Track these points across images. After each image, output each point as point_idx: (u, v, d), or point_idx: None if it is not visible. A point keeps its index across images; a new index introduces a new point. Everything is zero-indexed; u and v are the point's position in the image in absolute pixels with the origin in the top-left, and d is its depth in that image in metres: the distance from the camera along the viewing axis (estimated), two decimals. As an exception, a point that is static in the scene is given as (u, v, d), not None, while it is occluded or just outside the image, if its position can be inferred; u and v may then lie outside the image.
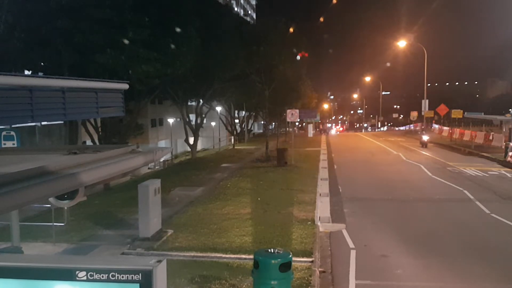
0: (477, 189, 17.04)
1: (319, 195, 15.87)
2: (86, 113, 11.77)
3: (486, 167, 22.99)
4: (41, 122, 12.42)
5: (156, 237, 10.50)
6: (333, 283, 8.44)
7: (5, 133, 10.66)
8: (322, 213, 13.23)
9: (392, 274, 8.84)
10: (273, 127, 59.53)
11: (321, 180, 19.09)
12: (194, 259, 9.27)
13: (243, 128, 55.58)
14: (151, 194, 10.39)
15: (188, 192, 16.56)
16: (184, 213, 13.31)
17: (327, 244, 10.71)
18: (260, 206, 14.06)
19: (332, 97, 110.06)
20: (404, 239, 11.14)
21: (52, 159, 3.77)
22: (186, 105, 34.32)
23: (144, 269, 2.60)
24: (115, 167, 3.89)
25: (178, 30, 21.79)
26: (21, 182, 2.75)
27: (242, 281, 7.93)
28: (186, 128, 34.67)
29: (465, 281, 8.51)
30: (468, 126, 44.29)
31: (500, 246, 10.62)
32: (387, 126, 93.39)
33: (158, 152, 4.94)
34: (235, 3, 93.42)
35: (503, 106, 63.23)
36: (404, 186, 18.38)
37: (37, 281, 2.66)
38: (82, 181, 3.33)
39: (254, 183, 18.37)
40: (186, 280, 8.00)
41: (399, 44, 50.66)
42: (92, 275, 2.60)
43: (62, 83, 9.58)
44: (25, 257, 3.50)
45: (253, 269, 6.37)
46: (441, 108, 43.34)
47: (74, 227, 11.58)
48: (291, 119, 25.72)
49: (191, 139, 34.68)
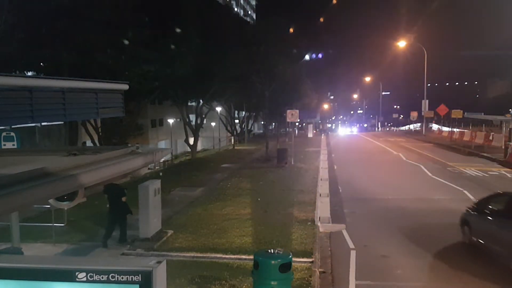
0: (477, 189, 17.01)
1: (319, 195, 15.87)
2: (86, 113, 11.80)
3: (486, 167, 22.98)
4: (41, 123, 12.42)
5: (156, 238, 10.51)
6: (333, 283, 8.44)
7: (5, 134, 10.66)
8: (322, 213, 13.22)
9: (392, 275, 8.84)
10: (273, 128, 59.51)
11: (321, 181, 19.09)
12: (194, 260, 9.27)
13: (243, 128, 55.58)
14: (151, 195, 10.39)
15: (188, 193, 16.56)
16: (184, 214, 13.32)
17: (327, 244, 10.71)
18: (260, 206, 14.06)
19: (332, 97, 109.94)
20: (404, 239, 11.14)
21: (52, 160, 3.78)
22: (186, 106, 34.33)
23: (144, 270, 2.60)
24: (115, 168, 3.90)
25: (178, 30, 21.80)
26: (21, 184, 2.75)
27: (242, 282, 7.93)
28: (186, 128, 34.67)
29: (465, 281, 8.51)
30: (468, 126, 44.29)
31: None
32: (387, 127, 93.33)
33: (158, 153, 4.94)
34: (235, 3, 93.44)
35: (503, 106, 63.17)
36: (404, 186, 18.37)
37: (37, 282, 2.66)
38: (82, 183, 3.33)
39: (254, 184, 18.38)
40: (186, 281, 8.01)
41: (399, 44, 50.73)
42: (92, 276, 2.60)
43: (62, 83, 9.59)
44: (25, 258, 3.50)
45: (253, 270, 6.37)
46: (441, 108, 43.35)
47: (74, 228, 11.59)
48: (291, 119, 25.72)
49: (191, 139, 34.68)
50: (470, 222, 10.21)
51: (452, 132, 41.65)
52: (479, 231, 9.75)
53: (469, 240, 10.13)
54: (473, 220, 10.12)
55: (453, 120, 43.19)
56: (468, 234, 10.20)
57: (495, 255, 8.96)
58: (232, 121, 50.82)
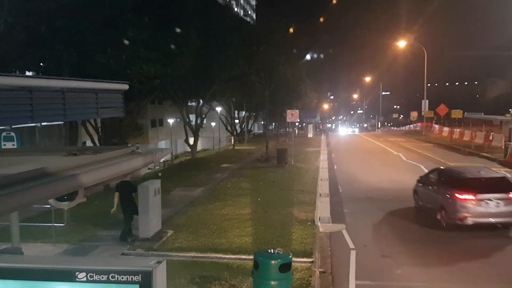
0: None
1: (319, 195, 15.87)
2: (86, 113, 11.81)
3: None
4: (41, 123, 12.40)
5: (156, 238, 10.51)
6: (333, 283, 8.44)
7: (5, 134, 10.65)
8: (322, 213, 13.23)
9: (392, 275, 8.84)
10: (273, 128, 59.49)
11: (321, 180, 19.09)
12: (194, 260, 9.28)
13: (243, 128, 55.58)
14: (151, 195, 10.39)
15: (188, 193, 16.57)
16: (184, 214, 13.32)
17: (327, 244, 10.71)
18: (260, 206, 14.07)
19: (332, 97, 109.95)
20: (404, 239, 11.14)
21: (52, 160, 3.77)
22: (186, 106, 34.33)
23: (144, 270, 2.60)
24: (115, 168, 3.89)
25: (178, 30, 21.78)
26: (21, 184, 2.75)
27: (242, 282, 7.93)
28: (186, 128, 34.66)
29: (464, 281, 8.51)
30: (468, 126, 44.27)
31: (500, 247, 10.63)
32: (387, 127, 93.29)
33: (157, 153, 4.94)
34: (235, 4, 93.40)
35: (503, 106, 63.18)
36: (404, 186, 18.31)
37: (37, 282, 2.66)
38: (82, 183, 3.33)
39: (254, 184, 18.38)
40: (186, 281, 8.01)
41: (399, 44, 50.73)
42: (92, 276, 2.61)
43: (62, 83, 9.60)
44: (25, 258, 3.50)
45: (253, 270, 6.37)
46: (441, 108, 43.36)
47: (74, 228, 11.59)
48: (291, 119, 25.71)
49: (191, 139, 34.68)
50: (418, 191, 13.90)
51: (452, 132, 41.65)
52: (422, 196, 13.51)
53: (417, 203, 13.86)
54: (419, 190, 13.81)
55: (453, 120, 43.21)
56: (417, 200, 13.87)
57: (429, 210, 12.74)
58: (232, 121, 50.82)
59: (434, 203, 12.31)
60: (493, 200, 10.94)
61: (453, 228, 11.29)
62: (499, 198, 10.98)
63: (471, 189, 11.17)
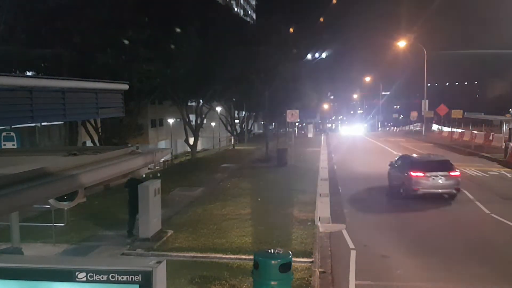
0: (477, 189, 17.03)
1: (319, 195, 15.85)
2: (86, 113, 11.81)
3: (486, 167, 22.98)
4: (41, 123, 12.41)
5: (156, 238, 10.51)
6: (333, 283, 8.44)
7: (5, 134, 10.64)
8: (322, 213, 13.20)
9: (392, 274, 8.84)
10: (273, 128, 59.48)
11: (321, 180, 19.07)
12: (194, 260, 9.27)
13: (243, 128, 55.56)
14: (151, 195, 10.39)
15: (188, 193, 16.56)
16: (184, 214, 13.32)
17: (327, 244, 10.71)
18: (260, 206, 14.06)
19: (332, 97, 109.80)
20: (404, 239, 11.15)
21: (52, 160, 3.78)
22: (186, 106, 34.33)
23: (144, 270, 2.60)
24: (114, 168, 3.89)
25: (178, 30, 21.79)
26: (21, 184, 2.75)
27: (242, 282, 7.93)
28: (186, 128, 34.66)
29: (464, 281, 8.51)
30: (468, 126, 44.25)
31: (499, 247, 10.63)
32: (387, 127, 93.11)
33: (157, 153, 4.94)
34: (235, 3, 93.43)
35: (503, 106, 63.13)
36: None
37: (37, 282, 2.66)
38: (82, 183, 3.33)
39: (254, 184, 18.38)
40: (186, 281, 8.01)
41: (399, 44, 50.69)
42: (92, 276, 2.61)
43: (62, 83, 9.60)
44: (25, 258, 3.50)
45: (253, 270, 6.37)
46: (441, 108, 43.32)
47: (74, 228, 11.58)
48: (291, 119, 25.71)
49: (191, 139, 34.68)
50: (390, 173, 17.44)
51: (452, 132, 41.62)
52: (392, 177, 17.15)
53: (390, 183, 17.29)
54: (390, 172, 17.39)
55: (453, 120, 43.18)
56: (390, 180, 17.36)
57: (396, 187, 16.24)
58: (232, 121, 50.80)
59: (398, 180, 16.12)
60: (438, 177, 14.83)
61: (411, 197, 15.08)
62: (442, 175, 14.88)
63: (421, 169, 15.10)
